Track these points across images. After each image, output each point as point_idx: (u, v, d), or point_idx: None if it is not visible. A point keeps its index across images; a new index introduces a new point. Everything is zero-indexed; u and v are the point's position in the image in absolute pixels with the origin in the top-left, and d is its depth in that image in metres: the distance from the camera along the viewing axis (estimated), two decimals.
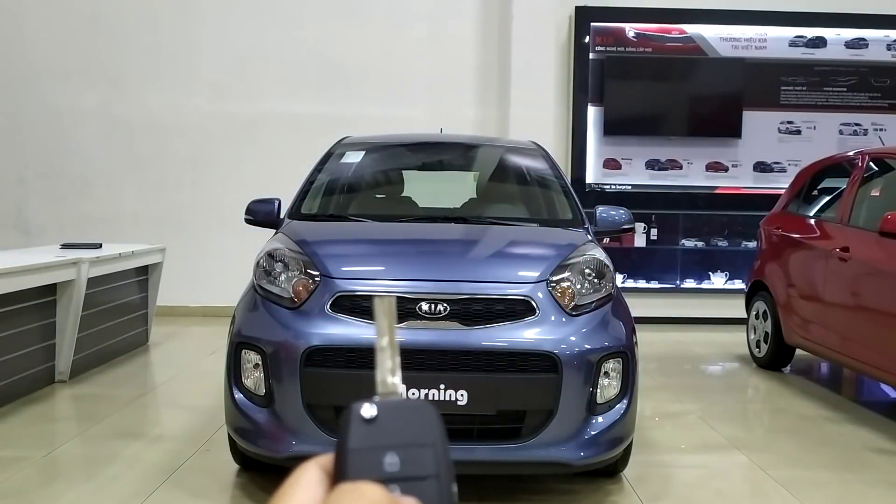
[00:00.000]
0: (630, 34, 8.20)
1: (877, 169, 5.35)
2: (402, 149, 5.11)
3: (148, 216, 8.07)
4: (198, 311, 7.91)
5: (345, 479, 0.41)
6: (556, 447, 3.08)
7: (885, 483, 3.71)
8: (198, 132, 8.09)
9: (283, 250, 3.47)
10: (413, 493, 0.41)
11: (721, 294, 8.21)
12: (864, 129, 8.32)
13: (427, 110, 8.07)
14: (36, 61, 8.02)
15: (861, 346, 4.82)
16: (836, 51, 8.28)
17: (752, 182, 8.33)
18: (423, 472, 0.42)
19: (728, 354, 6.73)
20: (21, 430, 4.22)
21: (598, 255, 3.52)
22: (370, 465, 0.42)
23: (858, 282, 4.97)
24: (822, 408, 4.99)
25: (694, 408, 4.92)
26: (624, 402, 3.23)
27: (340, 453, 0.43)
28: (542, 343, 3.10)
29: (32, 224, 8.05)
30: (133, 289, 6.21)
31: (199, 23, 8.07)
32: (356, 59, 8.11)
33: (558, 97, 8.17)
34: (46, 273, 4.83)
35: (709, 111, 8.25)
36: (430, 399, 2.98)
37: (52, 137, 8.07)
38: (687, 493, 3.53)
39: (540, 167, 4.61)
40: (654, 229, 8.31)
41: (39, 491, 3.41)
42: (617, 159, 8.29)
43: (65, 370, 5.11)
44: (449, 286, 3.20)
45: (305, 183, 4.34)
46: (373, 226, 3.96)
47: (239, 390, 3.24)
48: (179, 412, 4.61)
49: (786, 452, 4.11)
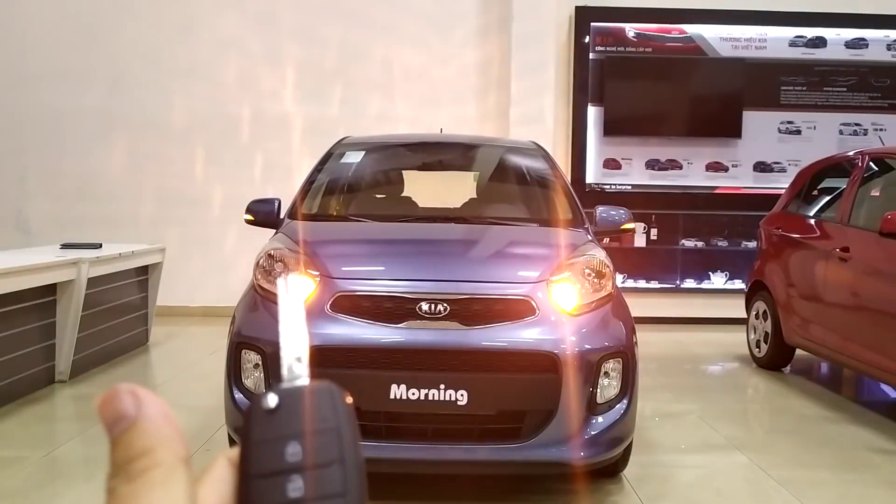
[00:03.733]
0: (630, 34, 8.20)
1: (877, 169, 5.35)
2: (402, 149, 5.11)
3: (148, 216, 8.07)
4: (198, 311, 7.91)
5: (248, 473, 0.41)
6: (556, 447, 3.08)
7: (885, 483, 3.71)
8: (197, 132, 8.09)
9: (283, 250, 3.47)
10: (316, 482, 0.40)
11: (721, 294, 8.21)
12: (864, 129, 8.32)
13: (427, 110, 8.07)
14: (36, 61, 8.02)
15: (861, 346, 4.82)
16: (836, 51, 8.27)
17: (752, 182, 8.33)
18: (325, 459, 0.41)
19: (728, 354, 6.73)
20: (21, 430, 4.22)
21: (598, 255, 3.52)
22: (272, 456, 0.41)
23: (859, 282, 4.97)
24: (822, 408, 4.99)
25: (694, 408, 4.92)
26: (624, 402, 3.23)
27: (243, 447, 0.42)
28: (542, 343, 3.10)
29: (32, 224, 8.05)
30: (133, 289, 6.21)
31: (199, 23, 8.07)
32: (357, 59, 8.10)
33: (558, 97, 8.17)
34: (46, 273, 4.83)
35: (709, 111, 8.25)
36: (430, 399, 2.98)
37: (53, 137, 8.06)
38: (687, 494, 3.53)
39: (540, 167, 4.61)
40: (654, 229, 8.31)
41: (39, 491, 3.41)
42: (617, 159, 8.29)
43: (65, 370, 5.11)
44: (449, 286, 3.20)
45: (305, 183, 4.34)
46: (373, 226, 3.96)
47: (239, 390, 3.24)
48: (179, 412, 4.59)
49: (786, 452, 4.11)
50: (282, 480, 0.40)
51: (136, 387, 0.42)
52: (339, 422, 0.42)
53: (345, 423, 0.43)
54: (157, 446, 0.40)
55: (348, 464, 0.42)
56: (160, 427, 0.41)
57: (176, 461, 0.40)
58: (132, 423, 0.40)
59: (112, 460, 0.40)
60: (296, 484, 0.40)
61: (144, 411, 0.41)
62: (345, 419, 0.43)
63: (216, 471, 0.42)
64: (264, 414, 0.42)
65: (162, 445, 0.40)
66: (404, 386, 2.99)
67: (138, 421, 0.40)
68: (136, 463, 0.39)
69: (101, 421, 0.41)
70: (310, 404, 0.42)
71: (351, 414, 0.43)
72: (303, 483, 0.40)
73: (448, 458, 3.07)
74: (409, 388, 2.99)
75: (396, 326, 3.10)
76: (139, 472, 0.39)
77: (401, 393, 2.99)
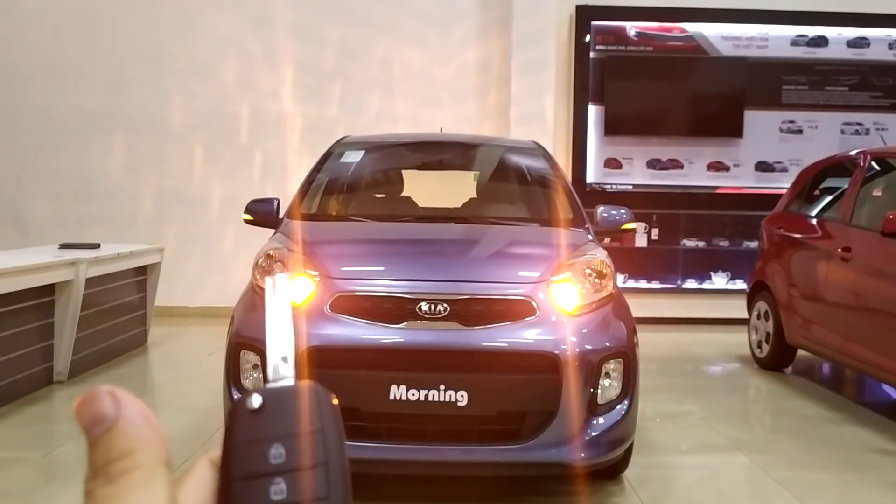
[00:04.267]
0: (631, 33, 8.18)
1: (878, 168, 5.33)
2: (401, 148, 5.09)
3: (146, 216, 8.05)
4: (196, 312, 7.89)
5: (231, 475, 0.40)
6: (556, 448, 3.06)
7: (886, 484, 3.69)
8: (197, 132, 8.07)
9: (283, 250, 3.45)
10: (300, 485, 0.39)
11: (722, 294, 8.19)
12: (865, 129, 8.30)
13: (427, 109, 8.05)
14: (34, 61, 8.01)
15: (863, 346, 4.80)
16: (837, 50, 8.25)
17: (754, 182, 8.31)
18: (309, 462, 0.40)
19: (729, 355, 6.71)
20: (19, 430, 4.21)
21: (598, 255, 3.51)
22: (255, 458, 0.40)
23: (860, 282, 4.95)
24: (823, 408, 4.97)
25: (695, 408, 4.90)
26: (625, 402, 3.21)
27: (225, 447, 0.41)
28: (542, 343, 3.08)
29: (30, 224, 8.03)
30: (131, 289, 6.19)
31: (198, 22, 8.05)
32: (356, 59, 8.09)
33: (559, 96, 8.15)
34: (45, 273, 4.81)
35: (710, 110, 8.23)
36: (430, 400, 2.97)
37: (51, 137, 8.05)
38: (688, 495, 3.52)
39: (540, 167, 4.60)
40: (656, 229, 8.29)
41: (38, 491, 3.40)
42: (618, 159, 8.27)
43: (63, 371, 5.10)
44: (449, 286, 3.19)
45: (305, 183, 4.32)
46: (372, 226, 3.95)
47: (238, 391, 3.22)
48: (178, 413, 4.59)
49: (787, 453, 4.09)
50: (265, 483, 0.39)
51: (115, 388, 0.41)
52: (324, 423, 0.41)
53: (330, 424, 0.41)
54: (138, 448, 0.39)
55: (333, 467, 0.40)
56: (140, 428, 0.40)
57: (157, 463, 0.39)
58: (112, 424, 0.39)
59: (90, 462, 0.39)
60: (279, 487, 0.39)
61: (124, 412, 0.40)
62: (330, 421, 0.41)
63: (197, 472, 0.42)
64: (248, 414, 0.41)
65: (142, 447, 0.39)
66: (404, 386, 2.97)
67: (118, 422, 0.39)
68: (116, 465, 0.39)
69: (80, 422, 0.40)
70: (295, 405, 0.41)
71: (336, 415, 0.42)
72: (286, 486, 0.39)
73: (448, 459, 3.05)
74: (408, 388, 2.97)
75: (396, 327, 3.08)
76: (119, 473, 0.38)
77: (400, 393, 2.97)
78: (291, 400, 0.41)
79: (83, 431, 0.39)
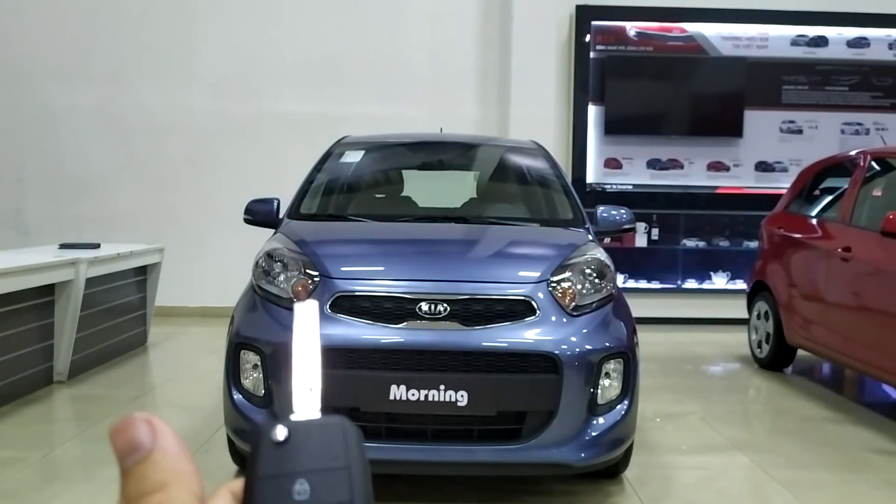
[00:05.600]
0: (631, 33, 8.18)
1: (879, 168, 5.33)
2: (401, 148, 5.09)
3: (146, 216, 8.05)
4: (196, 312, 7.89)
5: None
6: (556, 448, 3.06)
7: (886, 484, 3.69)
8: (197, 131, 8.07)
9: (282, 250, 3.45)
10: None
11: (722, 294, 8.19)
12: (865, 129, 8.30)
13: (427, 110, 8.05)
14: (33, 60, 8.01)
15: (863, 346, 4.80)
16: (837, 50, 8.25)
17: (754, 182, 8.31)
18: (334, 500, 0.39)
19: (729, 355, 6.71)
20: (19, 430, 4.20)
21: (598, 255, 3.51)
22: (278, 494, 0.39)
23: (860, 282, 4.95)
24: (823, 408, 4.97)
25: (695, 408, 4.90)
26: (625, 402, 3.21)
27: (249, 481, 0.40)
28: (542, 343, 3.08)
29: (30, 224, 8.03)
30: (131, 289, 6.19)
31: (198, 22, 8.05)
32: (356, 59, 8.09)
33: (559, 96, 8.15)
34: (45, 273, 4.81)
35: (710, 110, 8.23)
36: (430, 400, 2.97)
37: (50, 137, 8.05)
38: (688, 495, 3.52)
39: (540, 167, 4.59)
40: (656, 229, 8.29)
41: (38, 491, 3.40)
42: (618, 159, 8.27)
43: (63, 371, 5.09)
44: (449, 286, 3.19)
45: (305, 183, 4.32)
46: (372, 226, 3.94)
47: (238, 391, 3.23)
48: (178, 413, 4.58)
49: (787, 453, 4.09)
50: None
51: (153, 417, 0.39)
52: (350, 461, 0.40)
53: (356, 462, 0.40)
54: (172, 482, 0.38)
55: None
56: (176, 461, 0.39)
57: (190, 499, 0.38)
58: (147, 454, 0.38)
59: (123, 493, 0.38)
60: None
61: (160, 443, 0.39)
62: (356, 458, 0.40)
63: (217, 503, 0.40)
64: (272, 447, 0.40)
65: (177, 481, 0.38)
66: (404, 386, 2.97)
67: (153, 453, 0.38)
68: (149, 498, 0.38)
69: (114, 449, 0.38)
70: (321, 440, 0.40)
71: (363, 452, 0.41)
72: None
73: (448, 459, 3.05)
74: (408, 388, 2.97)
75: (396, 327, 3.08)
76: None
77: (400, 393, 2.97)
78: (318, 434, 0.40)
79: (117, 459, 0.38)
